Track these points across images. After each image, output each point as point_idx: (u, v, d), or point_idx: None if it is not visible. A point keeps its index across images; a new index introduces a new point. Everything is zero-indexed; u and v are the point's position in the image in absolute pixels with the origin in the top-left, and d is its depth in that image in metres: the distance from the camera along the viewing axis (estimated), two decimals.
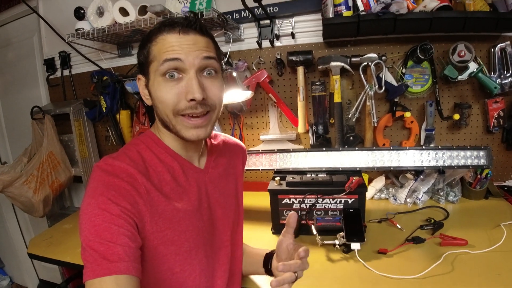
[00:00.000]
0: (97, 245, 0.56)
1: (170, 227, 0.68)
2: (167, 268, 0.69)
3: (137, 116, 1.80)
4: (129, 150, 0.71)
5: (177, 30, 0.67)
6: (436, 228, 1.20)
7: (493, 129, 1.49)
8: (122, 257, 0.56)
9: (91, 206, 0.59)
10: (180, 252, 0.70)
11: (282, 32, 1.57)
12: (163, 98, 0.67)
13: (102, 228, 0.57)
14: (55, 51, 1.98)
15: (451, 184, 1.46)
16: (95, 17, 1.56)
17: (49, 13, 1.93)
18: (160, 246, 0.67)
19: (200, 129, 0.70)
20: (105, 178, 0.63)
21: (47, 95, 2.11)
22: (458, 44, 1.39)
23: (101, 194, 0.60)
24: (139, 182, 0.65)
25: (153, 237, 0.66)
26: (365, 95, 1.45)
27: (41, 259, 1.33)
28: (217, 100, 0.72)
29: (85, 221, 0.58)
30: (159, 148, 0.74)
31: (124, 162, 0.66)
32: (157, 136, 0.76)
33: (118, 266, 0.55)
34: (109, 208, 0.59)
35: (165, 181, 0.71)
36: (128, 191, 0.63)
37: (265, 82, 1.59)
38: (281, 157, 1.42)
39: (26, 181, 1.72)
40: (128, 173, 0.65)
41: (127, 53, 1.83)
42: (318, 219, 1.22)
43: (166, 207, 0.68)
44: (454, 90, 1.51)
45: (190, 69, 0.66)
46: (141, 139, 0.76)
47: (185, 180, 0.75)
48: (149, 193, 0.66)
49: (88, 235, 0.57)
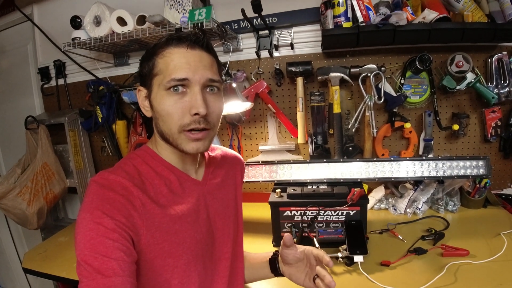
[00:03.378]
0: (91, 259, 0.56)
1: (167, 239, 0.68)
2: (164, 280, 0.68)
3: (134, 127, 1.77)
4: (125, 164, 0.71)
5: (185, 45, 0.68)
6: (437, 238, 1.20)
7: (491, 138, 1.50)
8: (116, 271, 0.56)
9: (86, 220, 0.59)
10: (178, 265, 0.69)
11: (281, 42, 1.57)
12: (168, 112, 0.67)
13: (97, 242, 0.57)
14: (50, 60, 1.95)
15: (450, 193, 1.47)
16: (92, 26, 1.53)
17: (44, 21, 1.91)
18: (157, 259, 0.66)
19: (199, 142, 0.70)
20: (100, 191, 0.63)
21: (41, 105, 2.07)
22: (456, 54, 1.40)
23: (95, 208, 0.60)
24: (134, 195, 0.65)
25: (149, 250, 0.65)
26: (364, 105, 1.45)
27: (36, 274, 1.30)
28: (216, 119, 0.73)
29: (80, 235, 0.58)
30: (155, 162, 0.74)
31: (119, 176, 0.66)
32: (154, 151, 0.76)
33: (113, 281, 0.55)
34: (103, 222, 0.58)
35: (162, 193, 0.70)
36: (123, 204, 0.62)
37: (264, 93, 1.58)
38: (281, 168, 1.41)
39: (20, 193, 1.69)
40: (123, 187, 0.64)
41: (123, 63, 1.81)
42: (320, 231, 1.22)
43: (162, 219, 0.67)
44: (452, 100, 1.52)
45: (195, 85, 0.67)
46: (137, 153, 0.76)
47: (182, 192, 0.74)
48: (144, 206, 0.65)
49: (83, 249, 0.57)
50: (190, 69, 0.67)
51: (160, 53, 0.69)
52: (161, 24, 1.34)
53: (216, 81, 0.71)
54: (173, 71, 0.66)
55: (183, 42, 0.68)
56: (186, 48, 0.68)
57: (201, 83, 0.68)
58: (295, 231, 1.23)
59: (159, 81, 0.68)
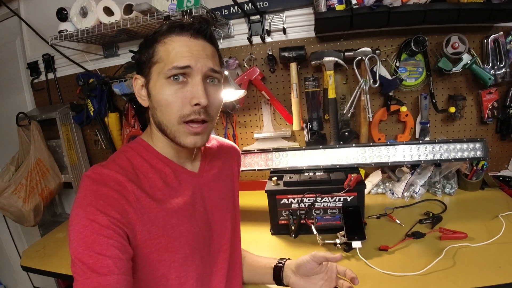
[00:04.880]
0: (86, 257, 0.55)
1: (164, 234, 0.66)
2: (161, 275, 0.67)
3: (126, 119, 1.75)
4: (118, 157, 0.70)
5: (188, 34, 0.67)
6: (435, 222, 1.19)
7: (487, 120, 1.49)
8: (112, 269, 0.55)
9: (79, 217, 0.58)
10: (175, 259, 0.68)
11: (273, 27, 1.54)
12: (167, 101, 0.66)
13: (91, 240, 0.56)
14: (39, 54, 1.91)
15: (447, 176, 1.46)
16: (78, 18, 1.49)
17: (31, 15, 1.86)
18: (153, 254, 0.65)
19: (198, 136, 0.69)
20: (93, 187, 0.61)
21: (32, 100, 2.04)
22: (452, 36, 1.38)
23: (89, 204, 0.58)
24: (129, 190, 0.63)
25: (145, 245, 0.64)
26: (360, 89, 1.43)
27: (36, 271, 1.29)
28: (215, 111, 0.72)
29: (73, 233, 0.57)
30: (150, 154, 0.72)
31: (112, 170, 0.64)
32: (148, 143, 0.74)
33: (108, 280, 0.54)
34: (97, 219, 0.57)
35: (157, 187, 0.69)
36: (117, 200, 0.61)
37: (257, 80, 1.56)
38: (277, 156, 1.40)
39: (15, 191, 1.67)
40: (117, 181, 0.63)
41: (113, 54, 1.77)
42: (318, 218, 1.21)
43: (158, 213, 0.66)
44: (448, 82, 1.50)
45: (197, 75, 0.66)
46: (131, 146, 0.74)
47: (178, 185, 0.73)
48: (139, 200, 0.64)
49: (77, 247, 0.56)
50: (192, 57, 0.65)
51: (161, 40, 0.67)
52: (149, 12, 1.30)
53: (218, 71, 0.70)
54: (175, 59, 0.65)
55: (186, 31, 0.67)
56: (189, 37, 0.66)
57: (203, 72, 0.66)
58: (293, 218, 1.22)
59: (159, 69, 0.66)
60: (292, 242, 1.22)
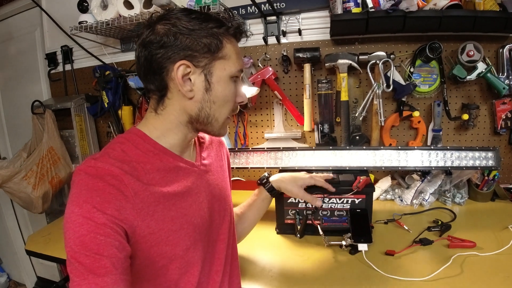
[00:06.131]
0: (83, 257, 0.53)
1: (164, 227, 0.65)
2: (161, 266, 0.67)
3: (139, 112, 1.77)
4: (113, 149, 0.66)
5: (238, 37, 0.73)
6: (444, 230, 1.18)
7: (501, 130, 1.47)
8: (109, 270, 0.53)
9: (75, 215, 0.55)
10: (176, 251, 0.67)
11: (289, 28, 1.55)
12: (228, 99, 0.72)
13: (88, 239, 0.54)
14: (57, 45, 1.95)
15: (458, 185, 1.44)
16: (98, 10, 1.53)
17: (52, 7, 1.90)
18: (153, 248, 0.64)
19: None
20: (89, 182, 0.58)
21: (48, 90, 2.08)
22: (467, 43, 1.37)
23: (85, 201, 0.56)
24: (125, 184, 0.60)
25: (145, 240, 0.62)
26: (373, 93, 1.43)
27: (39, 256, 1.31)
28: None
29: (69, 231, 0.55)
30: (147, 145, 0.69)
31: (108, 163, 0.61)
32: (145, 133, 0.70)
33: (106, 281, 0.53)
34: (94, 217, 0.55)
35: (156, 179, 0.66)
36: (113, 195, 0.58)
37: (270, 79, 1.56)
38: (286, 155, 1.40)
39: (25, 177, 1.69)
40: (113, 175, 0.60)
41: (130, 48, 1.80)
42: (325, 219, 1.20)
43: (157, 207, 0.64)
44: (462, 91, 1.49)
45: (240, 77, 0.75)
46: (126, 137, 0.70)
47: (176, 175, 0.71)
48: (137, 194, 0.61)
49: (73, 247, 0.54)
50: (242, 61, 0.74)
51: (227, 37, 0.68)
52: (168, 7, 1.33)
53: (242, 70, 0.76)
54: (239, 61, 0.71)
55: (237, 33, 0.72)
56: (237, 41, 0.73)
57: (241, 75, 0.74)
58: (299, 218, 1.21)
59: (225, 66, 0.69)
60: (297, 242, 1.21)
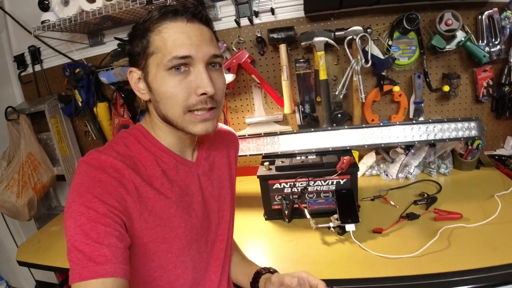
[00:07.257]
0: (83, 245, 0.53)
1: (161, 224, 0.65)
2: (158, 265, 0.66)
3: (115, 108, 1.72)
4: (116, 143, 0.67)
5: (184, 19, 0.62)
6: (430, 202, 1.19)
7: (483, 98, 1.46)
8: (109, 258, 0.53)
9: (76, 204, 0.56)
10: (172, 250, 0.67)
11: (261, 8, 1.49)
12: (171, 94, 0.63)
13: (88, 227, 0.54)
14: (25, 46, 1.87)
15: (442, 156, 1.45)
16: (60, 7, 1.45)
17: (15, 8, 1.82)
18: (150, 244, 0.64)
19: (208, 123, 0.66)
20: (91, 172, 0.59)
21: (21, 93, 2.01)
22: (445, 12, 1.34)
23: (86, 191, 0.57)
24: (127, 178, 0.61)
25: (142, 234, 0.62)
26: (352, 70, 1.40)
27: (31, 266, 1.29)
28: (221, 96, 0.69)
29: (70, 220, 0.55)
30: (148, 142, 0.70)
31: (111, 156, 0.62)
32: (148, 131, 0.71)
33: (105, 269, 0.52)
34: (95, 207, 0.55)
35: (155, 176, 0.67)
36: (115, 187, 0.59)
37: (246, 63, 1.52)
38: (268, 141, 1.38)
39: (8, 186, 1.66)
40: (115, 168, 0.61)
41: (98, 42, 1.72)
42: (311, 202, 1.20)
43: (156, 203, 0.65)
44: (442, 61, 1.47)
45: (199, 63, 0.63)
46: (130, 132, 0.71)
47: (176, 174, 0.71)
48: (137, 189, 0.62)
49: (74, 235, 0.54)
50: (192, 45, 0.61)
51: (155, 29, 0.62)
52: None
53: (219, 56, 0.66)
54: (174, 49, 0.61)
55: (181, 16, 0.62)
56: (185, 22, 0.62)
57: (205, 60, 0.63)
58: (286, 203, 1.21)
59: (157, 61, 0.62)
60: (286, 226, 1.21)
